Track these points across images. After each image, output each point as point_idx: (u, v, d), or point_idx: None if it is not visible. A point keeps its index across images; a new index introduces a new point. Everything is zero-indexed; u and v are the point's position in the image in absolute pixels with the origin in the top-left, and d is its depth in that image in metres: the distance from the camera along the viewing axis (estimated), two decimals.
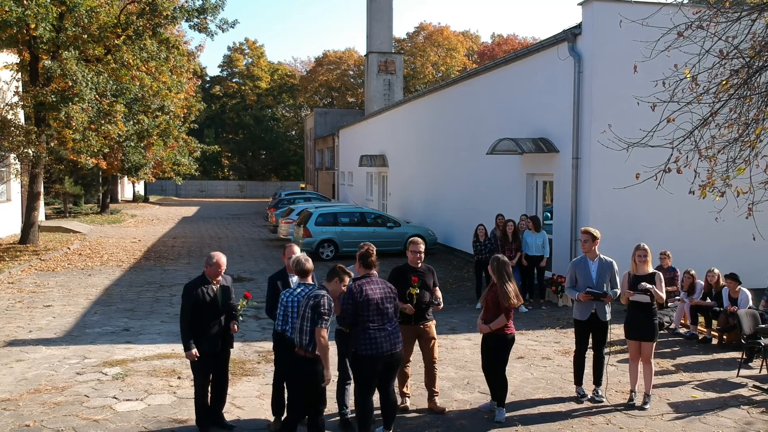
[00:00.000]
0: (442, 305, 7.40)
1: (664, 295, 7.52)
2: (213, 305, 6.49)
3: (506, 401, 7.34)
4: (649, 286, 7.35)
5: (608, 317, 7.75)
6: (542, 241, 13.12)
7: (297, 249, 6.84)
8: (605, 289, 7.63)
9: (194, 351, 6.43)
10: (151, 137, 23.69)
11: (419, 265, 7.26)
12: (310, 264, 6.31)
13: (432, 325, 7.39)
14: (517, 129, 16.06)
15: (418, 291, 7.07)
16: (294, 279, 6.69)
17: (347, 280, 6.09)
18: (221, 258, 6.57)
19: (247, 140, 74.96)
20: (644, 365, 7.58)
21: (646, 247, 7.61)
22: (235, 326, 6.73)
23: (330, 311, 5.74)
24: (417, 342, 7.37)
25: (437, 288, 7.43)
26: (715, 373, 8.94)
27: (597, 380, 7.88)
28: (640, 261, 7.50)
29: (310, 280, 6.32)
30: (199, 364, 6.54)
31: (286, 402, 6.49)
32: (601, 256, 7.80)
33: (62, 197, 34.50)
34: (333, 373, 6.59)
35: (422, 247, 7.28)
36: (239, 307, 6.67)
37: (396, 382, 6.80)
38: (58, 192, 33.49)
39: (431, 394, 7.43)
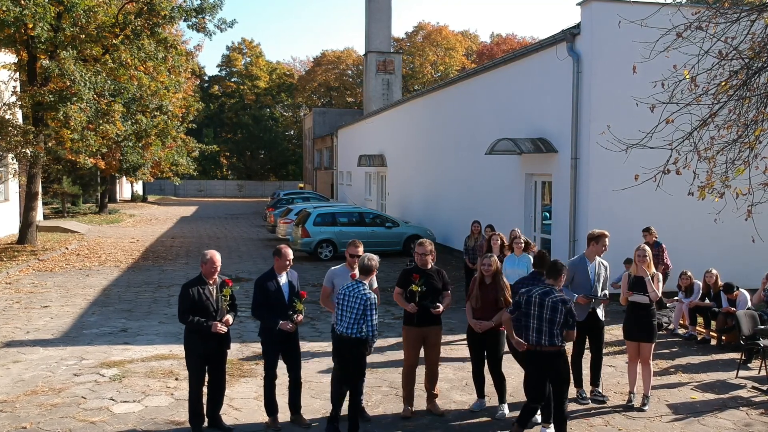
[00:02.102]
0: (441, 309, 7.14)
1: (659, 294, 7.52)
2: (209, 305, 6.46)
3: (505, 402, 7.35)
4: (652, 290, 7.35)
5: (603, 317, 7.78)
6: (526, 267, 9.33)
7: (291, 252, 6.86)
8: (599, 291, 7.64)
9: (216, 322, 6.38)
10: (149, 137, 23.67)
11: (429, 266, 7.21)
12: (374, 263, 6.56)
13: (439, 329, 7.29)
14: (515, 129, 16.04)
15: (419, 289, 7.01)
16: (282, 279, 6.72)
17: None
18: (215, 255, 6.53)
19: (246, 140, 74.92)
20: (643, 366, 7.57)
21: (647, 248, 7.61)
22: (230, 318, 6.63)
23: None
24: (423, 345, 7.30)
25: (448, 292, 7.29)
26: (713, 374, 8.93)
27: (595, 381, 7.88)
28: (640, 261, 7.49)
29: (373, 278, 6.57)
30: (196, 364, 6.52)
31: (285, 401, 6.46)
32: (598, 258, 7.80)
33: (60, 197, 34.45)
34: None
35: (429, 248, 7.20)
36: (224, 295, 6.62)
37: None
38: (56, 192, 33.43)
39: (431, 396, 7.41)
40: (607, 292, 7.76)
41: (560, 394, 6.33)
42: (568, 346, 7.26)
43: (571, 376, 6.98)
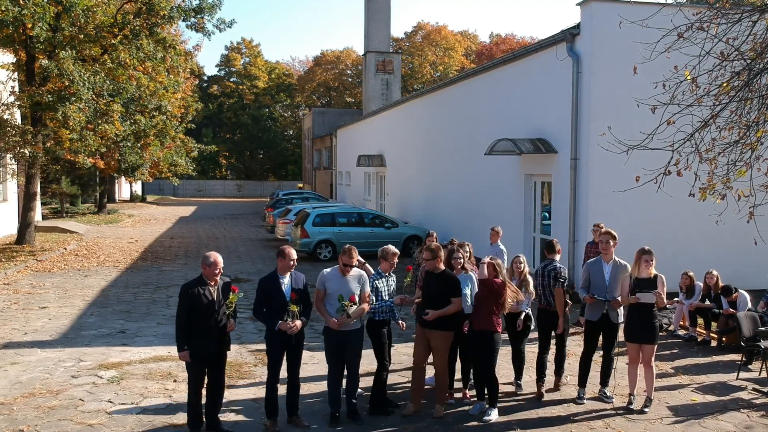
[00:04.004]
0: (429, 316, 6.97)
1: (665, 300, 7.47)
2: (210, 306, 6.43)
3: (506, 404, 7.31)
4: (658, 292, 7.31)
5: (621, 319, 7.73)
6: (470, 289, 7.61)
7: (295, 252, 6.83)
8: (615, 292, 7.60)
9: (186, 353, 6.37)
10: (148, 137, 23.59)
11: (437, 270, 7.20)
12: (388, 252, 7.39)
13: (441, 335, 7.12)
14: (515, 129, 16.01)
15: (408, 279, 7.31)
16: (285, 280, 6.69)
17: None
18: (218, 258, 6.51)
19: (245, 140, 74.84)
20: (645, 368, 7.53)
21: (651, 250, 7.53)
22: (232, 323, 6.68)
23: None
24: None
25: (455, 299, 7.09)
26: (714, 375, 8.90)
27: (604, 381, 7.86)
28: (646, 265, 7.43)
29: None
30: (195, 365, 6.48)
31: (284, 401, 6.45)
32: (616, 258, 7.76)
33: (59, 197, 34.38)
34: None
35: (439, 254, 7.19)
36: (230, 303, 6.61)
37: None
38: (54, 192, 33.37)
39: (437, 399, 7.36)
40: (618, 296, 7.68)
41: (561, 341, 8.15)
42: (579, 346, 7.68)
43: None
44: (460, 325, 7.35)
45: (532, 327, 8.17)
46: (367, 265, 7.52)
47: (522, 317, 7.91)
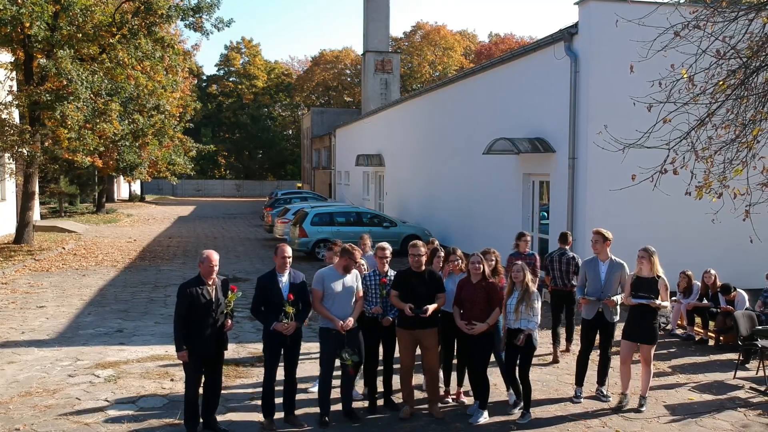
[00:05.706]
0: (427, 313, 6.92)
1: (666, 304, 7.45)
2: (208, 306, 6.42)
3: (503, 403, 7.31)
4: (658, 302, 7.30)
5: (616, 318, 7.73)
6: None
7: (289, 249, 6.82)
8: (612, 291, 7.59)
9: (185, 353, 6.36)
10: (146, 137, 23.58)
11: (423, 268, 7.17)
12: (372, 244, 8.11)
13: (432, 332, 7.16)
14: (513, 129, 16.01)
15: (385, 291, 7.21)
16: (283, 279, 6.70)
17: None
18: (212, 254, 6.51)
19: (244, 139, 74.76)
20: (643, 367, 7.53)
21: (648, 248, 7.52)
22: (229, 322, 6.70)
23: None
24: (419, 348, 7.26)
25: (442, 294, 7.14)
26: (711, 374, 8.90)
27: (601, 380, 7.87)
28: (638, 261, 7.42)
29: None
30: (192, 364, 6.47)
31: (278, 400, 6.44)
32: (613, 257, 7.77)
33: (58, 197, 34.36)
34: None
35: (423, 250, 7.18)
36: (229, 302, 6.62)
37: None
38: (53, 191, 33.36)
39: (431, 400, 7.34)
40: (618, 298, 7.67)
41: (570, 315, 9.61)
42: (576, 345, 7.61)
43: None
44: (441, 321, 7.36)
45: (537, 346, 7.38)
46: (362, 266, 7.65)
47: (523, 336, 6.96)
